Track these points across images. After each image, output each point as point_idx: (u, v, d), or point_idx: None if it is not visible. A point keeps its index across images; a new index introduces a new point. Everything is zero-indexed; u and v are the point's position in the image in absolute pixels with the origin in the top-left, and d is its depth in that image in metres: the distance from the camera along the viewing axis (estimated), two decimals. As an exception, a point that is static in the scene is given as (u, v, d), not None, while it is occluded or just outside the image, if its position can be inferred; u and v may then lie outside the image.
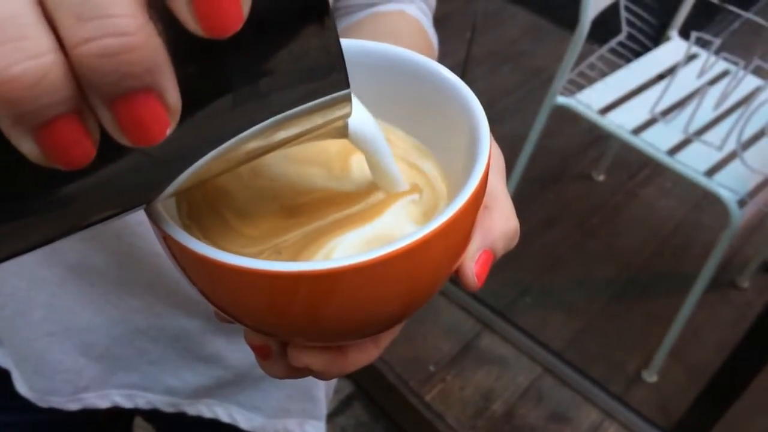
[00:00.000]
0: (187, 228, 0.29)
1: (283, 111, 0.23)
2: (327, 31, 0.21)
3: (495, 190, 0.32)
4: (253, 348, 0.31)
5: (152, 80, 0.18)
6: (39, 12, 0.17)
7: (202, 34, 0.19)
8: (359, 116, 0.27)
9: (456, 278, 0.30)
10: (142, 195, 0.24)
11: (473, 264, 0.30)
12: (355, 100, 0.27)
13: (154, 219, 0.26)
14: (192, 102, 0.20)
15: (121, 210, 0.24)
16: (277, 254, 0.28)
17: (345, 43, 0.33)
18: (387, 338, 0.32)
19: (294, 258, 0.28)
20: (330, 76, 0.23)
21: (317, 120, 0.24)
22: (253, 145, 0.24)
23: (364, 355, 0.31)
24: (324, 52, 0.22)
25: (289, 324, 0.27)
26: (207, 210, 0.30)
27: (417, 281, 0.27)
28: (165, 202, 0.28)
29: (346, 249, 0.28)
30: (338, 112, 0.25)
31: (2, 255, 0.23)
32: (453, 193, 0.31)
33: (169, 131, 0.19)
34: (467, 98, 0.30)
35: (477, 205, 0.28)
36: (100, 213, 0.23)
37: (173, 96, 0.19)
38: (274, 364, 0.32)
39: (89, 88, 0.18)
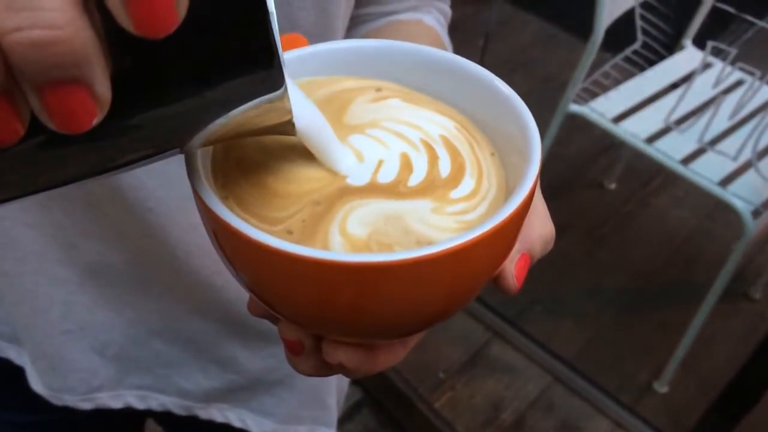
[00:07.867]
0: (223, 200, 0.29)
1: (220, 107, 0.23)
2: (266, 31, 0.22)
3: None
4: (286, 343, 0.31)
5: (80, 73, 0.19)
6: None
7: (136, 34, 0.19)
8: (306, 115, 0.28)
9: (493, 283, 0.30)
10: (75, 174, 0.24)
11: (512, 266, 0.30)
12: (302, 98, 0.27)
13: (204, 199, 0.26)
14: (125, 94, 0.21)
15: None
16: (316, 204, 0.28)
17: (409, 45, 0.34)
18: (413, 341, 0.32)
19: (328, 210, 0.28)
20: (268, 75, 0.23)
21: (256, 117, 0.25)
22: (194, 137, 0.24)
23: (392, 355, 0.31)
24: (262, 52, 0.22)
25: (328, 315, 0.28)
26: (244, 181, 0.30)
27: (462, 281, 0.27)
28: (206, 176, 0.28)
29: (362, 216, 0.28)
30: (277, 110, 0.25)
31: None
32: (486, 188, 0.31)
33: (96, 121, 0.20)
34: (521, 110, 0.31)
35: (527, 208, 0.28)
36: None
37: (102, 88, 0.20)
38: (305, 360, 0.32)
39: (19, 73, 0.18)
